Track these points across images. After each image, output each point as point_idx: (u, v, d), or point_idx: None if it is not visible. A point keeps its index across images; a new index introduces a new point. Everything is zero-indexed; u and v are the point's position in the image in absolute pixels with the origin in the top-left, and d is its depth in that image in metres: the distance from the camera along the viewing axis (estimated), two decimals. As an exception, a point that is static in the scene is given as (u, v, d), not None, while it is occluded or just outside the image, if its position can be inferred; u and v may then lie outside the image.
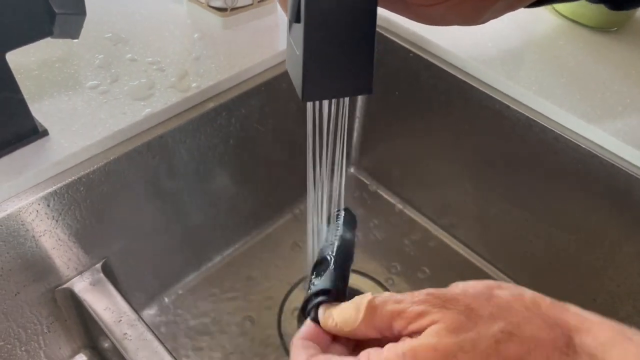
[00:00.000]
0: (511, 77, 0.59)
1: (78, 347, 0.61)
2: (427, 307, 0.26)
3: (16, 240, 0.47)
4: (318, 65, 0.27)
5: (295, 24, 0.27)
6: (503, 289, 0.26)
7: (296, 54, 0.28)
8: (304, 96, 0.28)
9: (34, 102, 0.52)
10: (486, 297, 0.26)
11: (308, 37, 0.26)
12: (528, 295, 0.26)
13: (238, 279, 0.71)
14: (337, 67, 0.28)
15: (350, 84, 0.29)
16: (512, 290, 0.26)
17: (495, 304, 0.25)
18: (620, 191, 0.54)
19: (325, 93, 0.29)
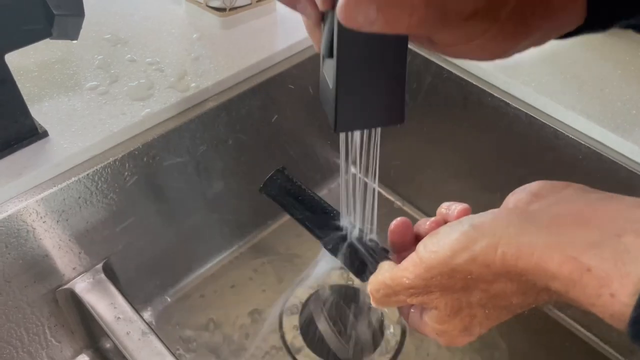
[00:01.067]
0: (510, 75, 0.59)
1: (80, 348, 0.61)
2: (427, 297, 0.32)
3: (17, 241, 0.48)
4: (350, 98, 0.28)
5: (328, 59, 0.27)
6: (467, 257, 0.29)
7: (329, 88, 0.28)
8: (336, 128, 0.29)
9: (34, 103, 0.52)
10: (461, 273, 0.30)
11: (340, 72, 0.27)
12: (480, 260, 0.28)
13: (240, 278, 0.71)
14: (369, 100, 0.28)
15: (382, 115, 0.29)
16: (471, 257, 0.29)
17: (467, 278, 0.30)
18: (621, 187, 0.54)
19: (357, 124, 0.30)
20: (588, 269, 0.24)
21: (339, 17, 0.23)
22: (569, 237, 0.26)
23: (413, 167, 0.76)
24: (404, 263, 0.32)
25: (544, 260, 0.26)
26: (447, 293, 0.32)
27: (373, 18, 0.23)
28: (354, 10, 0.23)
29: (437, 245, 0.30)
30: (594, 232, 0.25)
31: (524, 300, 0.30)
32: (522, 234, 0.27)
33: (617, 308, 0.24)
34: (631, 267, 0.23)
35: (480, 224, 0.29)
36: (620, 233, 0.24)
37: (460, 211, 0.35)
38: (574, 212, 0.27)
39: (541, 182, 0.31)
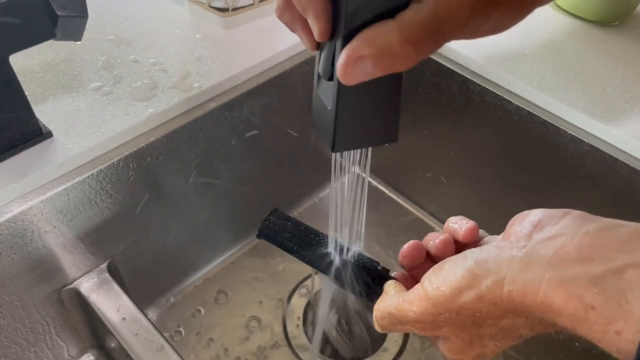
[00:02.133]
0: (512, 73, 0.59)
1: (85, 347, 0.61)
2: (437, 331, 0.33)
3: (22, 241, 0.48)
4: (349, 120, 0.28)
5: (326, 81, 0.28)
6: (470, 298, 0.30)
7: (325, 108, 0.29)
8: (334, 148, 0.29)
9: (38, 104, 0.52)
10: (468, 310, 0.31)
11: (340, 95, 0.27)
12: (487, 299, 0.29)
13: (245, 278, 0.71)
14: (366, 121, 0.29)
15: (378, 135, 0.30)
16: (477, 296, 0.30)
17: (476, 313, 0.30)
18: (623, 184, 0.54)
19: (354, 144, 0.31)
20: (592, 307, 0.25)
21: (340, 79, 0.25)
22: (572, 274, 0.26)
23: (414, 165, 0.76)
24: (410, 296, 0.32)
25: (549, 297, 0.26)
26: (457, 327, 0.32)
27: (371, 71, 0.24)
28: (352, 70, 0.24)
29: (442, 282, 0.30)
30: (596, 268, 0.25)
31: (532, 331, 0.31)
32: (526, 271, 0.27)
33: (623, 345, 0.24)
34: (634, 305, 0.24)
35: (484, 260, 0.29)
36: (622, 269, 0.25)
37: (468, 230, 0.36)
38: (576, 246, 0.27)
39: (540, 210, 0.32)
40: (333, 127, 0.28)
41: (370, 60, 0.24)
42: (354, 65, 0.24)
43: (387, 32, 0.24)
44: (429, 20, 0.23)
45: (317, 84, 0.30)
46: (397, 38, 0.24)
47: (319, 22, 0.25)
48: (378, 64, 0.24)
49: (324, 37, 0.26)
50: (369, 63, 0.24)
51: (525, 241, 0.29)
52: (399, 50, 0.24)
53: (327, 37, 0.26)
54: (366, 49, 0.24)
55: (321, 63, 0.28)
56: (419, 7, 0.24)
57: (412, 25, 0.24)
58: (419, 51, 0.24)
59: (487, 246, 0.31)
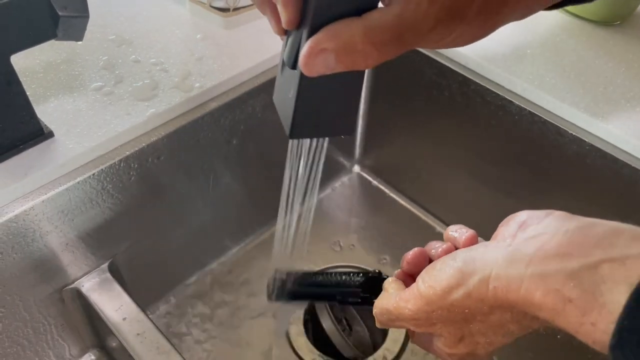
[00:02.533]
0: (513, 72, 0.59)
1: (86, 347, 0.61)
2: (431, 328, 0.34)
3: (23, 241, 0.48)
4: (307, 109, 0.29)
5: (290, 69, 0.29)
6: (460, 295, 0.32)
7: (287, 95, 0.30)
8: (291, 135, 0.30)
9: (39, 104, 0.52)
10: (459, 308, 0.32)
11: (302, 86, 0.28)
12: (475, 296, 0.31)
13: (246, 277, 0.72)
14: (325, 113, 0.30)
15: (335, 126, 0.31)
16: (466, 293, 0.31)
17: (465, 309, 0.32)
18: (624, 184, 0.54)
19: (311, 133, 0.32)
20: (569, 300, 0.26)
21: (302, 70, 0.25)
22: (551, 269, 0.27)
23: (417, 167, 0.76)
24: (406, 294, 0.35)
25: (530, 292, 0.28)
26: (448, 324, 0.34)
27: (333, 66, 0.25)
28: (314, 62, 0.25)
29: (434, 280, 0.33)
30: (574, 263, 0.27)
31: (520, 327, 0.32)
32: (509, 267, 0.29)
33: (598, 336, 0.25)
34: (607, 297, 0.25)
35: (471, 259, 0.31)
36: (597, 263, 0.26)
37: (467, 239, 0.37)
38: (556, 243, 0.28)
39: (526, 211, 0.33)
40: (292, 115, 0.29)
41: (333, 54, 0.25)
42: (316, 57, 0.25)
43: (352, 29, 0.24)
44: (393, 24, 0.24)
45: (281, 70, 0.31)
46: (360, 37, 0.24)
47: (287, 10, 0.26)
48: (339, 59, 0.25)
49: (291, 26, 0.27)
50: (331, 57, 0.25)
51: (510, 240, 0.31)
52: (360, 48, 0.24)
53: (294, 25, 0.26)
54: (329, 42, 0.24)
55: (286, 50, 0.28)
56: (385, 10, 0.24)
57: (377, 26, 0.24)
58: (381, 52, 0.25)
59: (475, 246, 0.33)
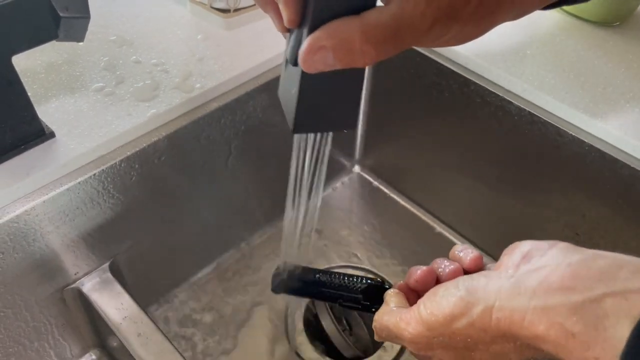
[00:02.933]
0: (513, 73, 0.59)
1: (87, 346, 0.62)
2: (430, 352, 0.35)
3: (25, 241, 0.48)
4: (309, 105, 0.30)
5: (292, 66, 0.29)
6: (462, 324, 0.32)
7: (290, 91, 0.30)
8: (295, 130, 0.31)
9: (41, 104, 0.53)
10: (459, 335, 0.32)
11: (304, 81, 0.29)
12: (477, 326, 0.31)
13: (248, 277, 0.72)
14: (327, 107, 0.31)
15: (338, 121, 0.32)
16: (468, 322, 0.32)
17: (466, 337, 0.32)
18: (624, 185, 0.54)
19: (314, 128, 0.33)
20: (572, 334, 0.26)
21: (302, 66, 0.26)
22: (554, 302, 0.28)
23: (417, 167, 0.76)
24: (407, 316, 0.35)
25: (533, 325, 0.28)
26: (449, 350, 0.34)
27: (331, 63, 0.25)
28: (313, 59, 0.25)
29: (436, 307, 0.33)
30: (577, 297, 0.27)
31: (522, 356, 0.32)
32: (513, 299, 0.29)
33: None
34: (610, 331, 0.25)
35: (474, 289, 0.32)
36: (600, 297, 0.26)
37: (472, 260, 0.38)
38: (559, 276, 0.28)
39: (529, 242, 0.33)
40: (295, 110, 0.30)
41: (331, 51, 0.25)
42: (315, 54, 0.25)
43: (350, 27, 0.25)
44: (390, 23, 0.24)
45: (285, 67, 0.31)
46: (358, 35, 0.25)
47: (288, 9, 0.26)
48: (337, 56, 0.25)
49: (293, 24, 0.27)
50: (329, 54, 0.25)
51: (513, 271, 0.31)
52: (358, 47, 0.25)
53: (295, 24, 0.27)
54: (328, 40, 0.25)
55: (289, 48, 0.29)
56: (383, 9, 0.25)
57: (374, 25, 0.24)
58: (378, 51, 0.25)
59: (477, 275, 0.33)
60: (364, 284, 0.43)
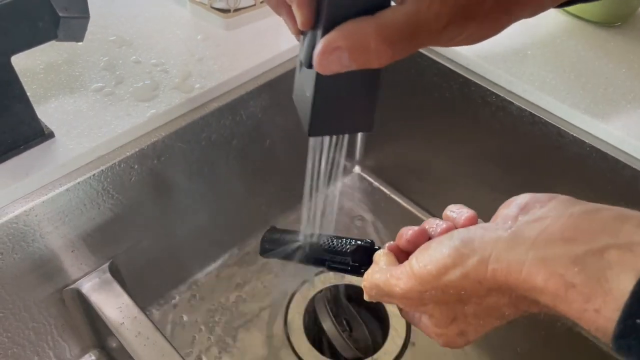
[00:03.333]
0: (514, 74, 0.59)
1: (87, 347, 0.62)
2: (422, 308, 0.34)
3: (24, 241, 0.48)
4: (325, 107, 0.30)
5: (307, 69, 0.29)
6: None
7: (305, 94, 0.30)
8: (310, 133, 0.31)
9: (40, 104, 0.53)
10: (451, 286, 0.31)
11: (319, 84, 0.28)
12: (472, 277, 0.30)
13: (246, 278, 0.72)
14: (343, 110, 0.30)
15: (354, 123, 0.31)
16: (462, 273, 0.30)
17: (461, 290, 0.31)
18: (625, 186, 0.54)
19: (329, 130, 0.32)
20: (573, 285, 0.25)
21: (316, 68, 0.26)
22: (555, 253, 0.27)
23: (418, 168, 0.76)
24: (398, 272, 0.33)
25: (531, 276, 0.27)
26: (441, 304, 0.33)
27: (346, 64, 0.25)
28: (328, 60, 0.25)
29: (429, 260, 0.31)
30: (578, 248, 0.26)
31: (516, 311, 0.32)
32: (510, 250, 0.28)
33: (601, 323, 0.24)
34: (613, 283, 0.24)
35: (470, 239, 0.30)
36: (603, 249, 0.25)
37: (467, 219, 0.36)
38: (560, 227, 0.28)
39: (528, 194, 0.32)
40: (310, 113, 0.30)
41: (346, 52, 0.25)
42: (330, 55, 0.25)
43: (364, 28, 0.24)
44: (405, 23, 0.24)
45: (299, 69, 0.31)
46: (373, 35, 0.24)
47: (301, 11, 0.26)
48: (353, 57, 0.25)
49: (306, 26, 0.27)
50: (345, 55, 0.25)
51: (512, 223, 0.30)
52: (373, 47, 0.25)
53: (309, 26, 0.27)
54: (343, 41, 0.25)
55: (303, 50, 0.29)
56: (398, 8, 0.24)
57: (389, 25, 0.24)
58: (394, 51, 0.25)
59: (473, 227, 0.32)
60: (353, 246, 0.42)
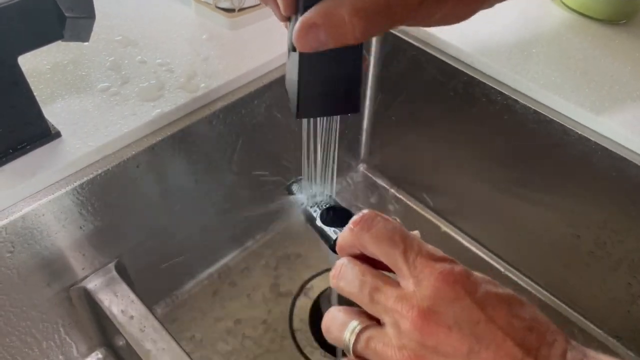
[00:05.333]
0: (518, 71, 0.59)
1: (94, 345, 0.62)
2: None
3: (31, 240, 0.48)
4: (311, 89, 0.31)
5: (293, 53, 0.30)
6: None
7: (292, 78, 0.31)
8: (298, 115, 0.32)
9: (47, 104, 0.53)
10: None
11: (302, 65, 0.30)
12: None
13: (251, 276, 0.72)
14: (328, 91, 0.31)
15: (339, 104, 0.32)
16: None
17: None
18: (631, 183, 0.53)
19: (317, 112, 0.33)
20: None
21: (295, 46, 0.27)
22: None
23: (422, 166, 0.76)
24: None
25: None
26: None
27: (324, 40, 0.26)
28: (306, 37, 0.26)
29: None
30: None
31: None
32: None
33: None
34: None
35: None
36: None
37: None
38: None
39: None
40: (296, 95, 0.31)
41: (322, 28, 0.26)
42: (307, 33, 0.26)
43: (339, 3, 0.25)
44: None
45: (288, 56, 0.32)
46: (347, 10, 0.25)
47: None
48: (329, 32, 0.26)
49: (289, 12, 0.28)
50: (322, 31, 0.26)
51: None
52: (348, 20, 0.25)
53: (292, 11, 0.28)
54: (318, 18, 0.26)
55: (288, 35, 0.30)
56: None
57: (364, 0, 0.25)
58: (368, 23, 0.25)
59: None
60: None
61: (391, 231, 0.31)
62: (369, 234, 0.31)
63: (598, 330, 0.65)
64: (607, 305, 0.63)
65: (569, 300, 0.67)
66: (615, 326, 0.64)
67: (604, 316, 0.64)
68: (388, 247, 0.30)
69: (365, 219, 0.31)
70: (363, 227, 0.31)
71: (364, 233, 0.31)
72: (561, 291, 0.67)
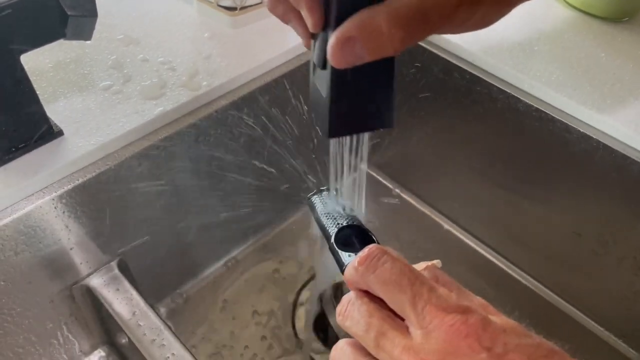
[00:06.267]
0: (520, 70, 0.59)
1: (96, 343, 0.62)
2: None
3: (34, 238, 0.49)
4: (343, 106, 0.29)
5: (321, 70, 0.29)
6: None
7: (321, 96, 0.29)
8: (330, 135, 0.30)
9: (49, 103, 0.53)
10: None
11: (334, 83, 0.28)
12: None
13: (254, 274, 0.72)
14: (361, 107, 0.29)
15: (373, 120, 0.30)
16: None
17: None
18: (633, 181, 0.53)
19: (350, 130, 0.31)
20: None
21: (332, 63, 0.25)
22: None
23: (425, 165, 0.76)
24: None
25: None
26: None
27: (360, 54, 0.25)
28: (342, 52, 0.25)
29: None
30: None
31: None
32: None
33: None
34: None
35: None
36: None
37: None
38: None
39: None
40: (328, 115, 0.29)
41: (359, 41, 0.25)
42: (344, 47, 0.25)
43: (375, 14, 0.24)
44: (417, 4, 0.24)
45: (313, 73, 0.31)
46: (384, 20, 0.24)
47: (312, 14, 0.26)
48: (366, 45, 0.25)
49: (318, 28, 0.27)
50: (358, 45, 0.25)
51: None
52: (386, 31, 0.24)
53: (320, 27, 0.27)
54: (355, 30, 0.25)
55: (315, 52, 0.29)
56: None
57: (400, 8, 0.24)
58: (406, 33, 0.25)
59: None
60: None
61: (398, 274, 0.28)
62: (375, 276, 0.28)
63: (600, 329, 0.65)
64: (610, 303, 0.63)
65: (572, 298, 0.67)
66: (618, 324, 0.64)
67: (607, 314, 0.64)
68: (395, 293, 0.28)
69: (370, 258, 0.29)
70: (368, 268, 0.29)
71: (369, 274, 0.29)
72: (563, 289, 0.67)
